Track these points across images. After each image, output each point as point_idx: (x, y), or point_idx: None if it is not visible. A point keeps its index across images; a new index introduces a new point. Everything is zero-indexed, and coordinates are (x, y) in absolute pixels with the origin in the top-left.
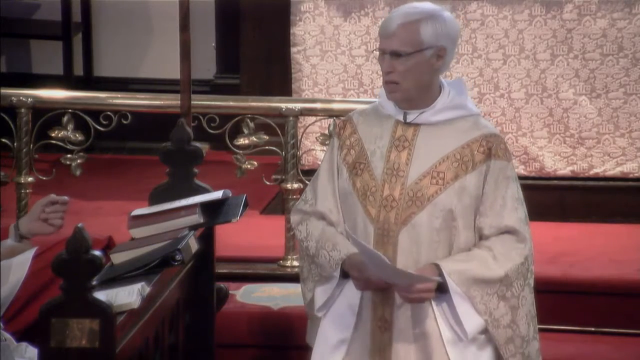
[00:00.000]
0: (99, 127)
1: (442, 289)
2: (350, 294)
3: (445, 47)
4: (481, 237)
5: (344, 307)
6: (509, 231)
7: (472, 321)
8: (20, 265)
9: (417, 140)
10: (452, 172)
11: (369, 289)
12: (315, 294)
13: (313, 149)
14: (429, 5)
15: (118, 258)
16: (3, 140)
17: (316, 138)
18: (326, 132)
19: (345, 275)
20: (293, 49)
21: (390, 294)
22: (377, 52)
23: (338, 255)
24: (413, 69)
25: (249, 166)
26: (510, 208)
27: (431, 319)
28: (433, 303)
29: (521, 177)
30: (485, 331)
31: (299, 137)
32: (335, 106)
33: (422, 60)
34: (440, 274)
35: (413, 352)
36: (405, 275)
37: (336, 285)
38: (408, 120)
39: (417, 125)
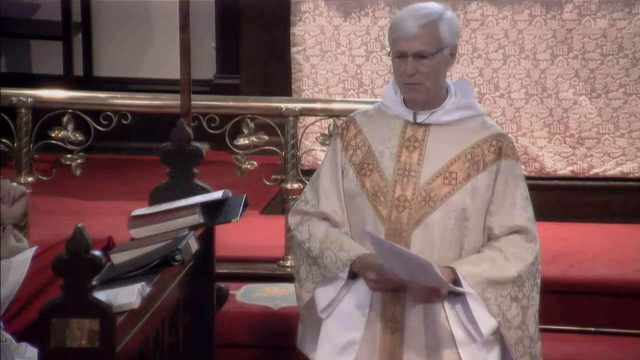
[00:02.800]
0: (99, 127)
1: (455, 291)
2: (360, 294)
3: (456, 45)
4: (490, 236)
5: (352, 308)
6: (519, 230)
7: (487, 323)
8: (20, 265)
9: (427, 140)
10: (464, 172)
11: (386, 290)
12: (316, 295)
13: (313, 149)
14: (436, 5)
15: (118, 258)
16: (3, 140)
17: (316, 138)
18: (326, 132)
19: (352, 276)
20: (293, 49)
21: (400, 294)
22: (391, 56)
23: (346, 256)
24: (435, 68)
25: (249, 166)
26: (520, 207)
27: (443, 319)
28: (446, 304)
29: None
30: (494, 332)
31: (299, 137)
32: (335, 106)
33: (442, 60)
34: (455, 277)
35: (424, 353)
36: (432, 275)
37: (342, 286)
38: (418, 121)
39: (427, 125)
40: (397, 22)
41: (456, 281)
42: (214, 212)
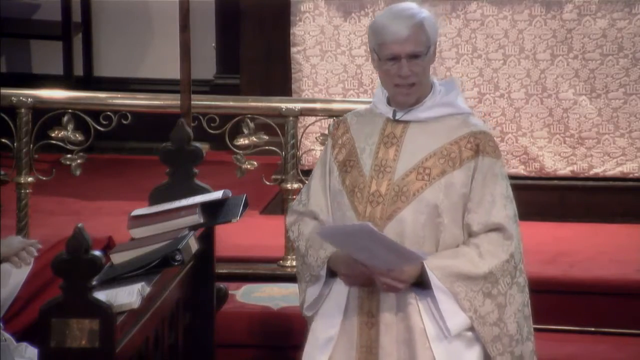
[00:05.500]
0: (99, 127)
1: (425, 285)
2: (338, 292)
3: (436, 42)
4: (470, 233)
5: (331, 305)
6: (497, 228)
7: (456, 317)
8: (22, 267)
9: (405, 137)
10: (438, 168)
11: (360, 284)
12: (306, 295)
13: (313, 149)
14: (414, 5)
15: (118, 258)
16: (3, 140)
17: (316, 138)
18: (326, 132)
19: (332, 274)
20: (293, 49)
21: (376, 289)
22: (379, 60)
23: (324, 253)
24: (426, 67)
25: (249, 166)
26: (499, 205)
27: (416, 314)
28: (417, 298)
29: (521, 177)
30: (472, 328)
31: (299, 137)
32: (335, 106)
33: (429, 58)
34: (423, 270)
35: (398, 347)
36: (377, 239)
37: (324, 284)
38: (397, 117)
39: (406, 122)
40: (383, 26)
41: (423, 275)
42: (214, 212)
